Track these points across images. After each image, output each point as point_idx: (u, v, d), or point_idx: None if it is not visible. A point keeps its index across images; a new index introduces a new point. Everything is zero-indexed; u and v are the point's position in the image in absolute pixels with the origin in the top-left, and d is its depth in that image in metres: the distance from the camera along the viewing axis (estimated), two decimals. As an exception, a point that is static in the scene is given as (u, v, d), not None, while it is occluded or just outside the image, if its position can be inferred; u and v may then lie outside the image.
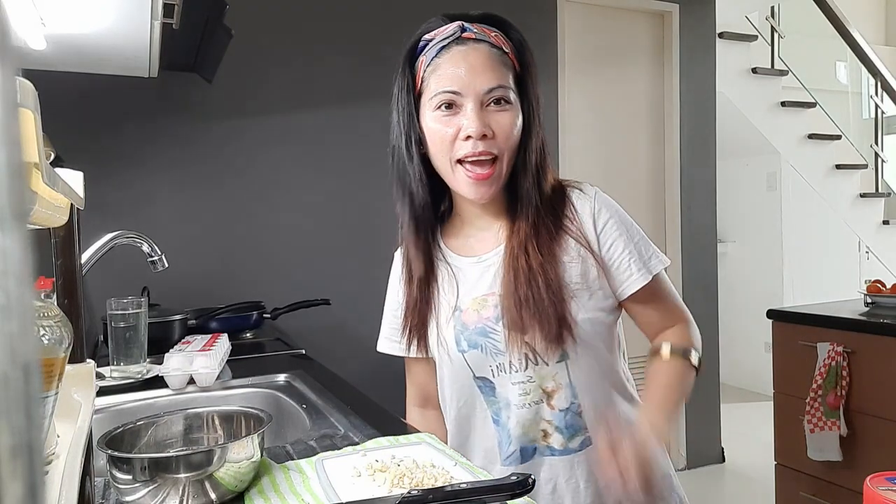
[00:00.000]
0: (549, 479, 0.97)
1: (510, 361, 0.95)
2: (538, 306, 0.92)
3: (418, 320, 1.01)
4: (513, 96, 0.94)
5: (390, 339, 1.08)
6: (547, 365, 0.95)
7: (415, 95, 0.96)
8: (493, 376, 0.97)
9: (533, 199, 0.96)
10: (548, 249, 0.94)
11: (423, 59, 0.95)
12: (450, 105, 0.92)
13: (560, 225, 0.97)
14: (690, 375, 1.00)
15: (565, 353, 0.94)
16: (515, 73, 0.95)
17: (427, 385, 1.09)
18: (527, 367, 0.95)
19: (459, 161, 0.92)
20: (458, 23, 0.94)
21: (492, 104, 0.92)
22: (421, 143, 0.96)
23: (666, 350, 0.99)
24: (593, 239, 0.97)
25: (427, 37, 0.95)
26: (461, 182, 0.93)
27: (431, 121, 0.94)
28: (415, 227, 1.00)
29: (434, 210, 1.02)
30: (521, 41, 0.97)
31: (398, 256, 1.08)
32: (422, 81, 0.95)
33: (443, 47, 0.93)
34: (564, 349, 0.94)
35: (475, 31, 0.94)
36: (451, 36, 0.93)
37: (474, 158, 0.91)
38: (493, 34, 0.95)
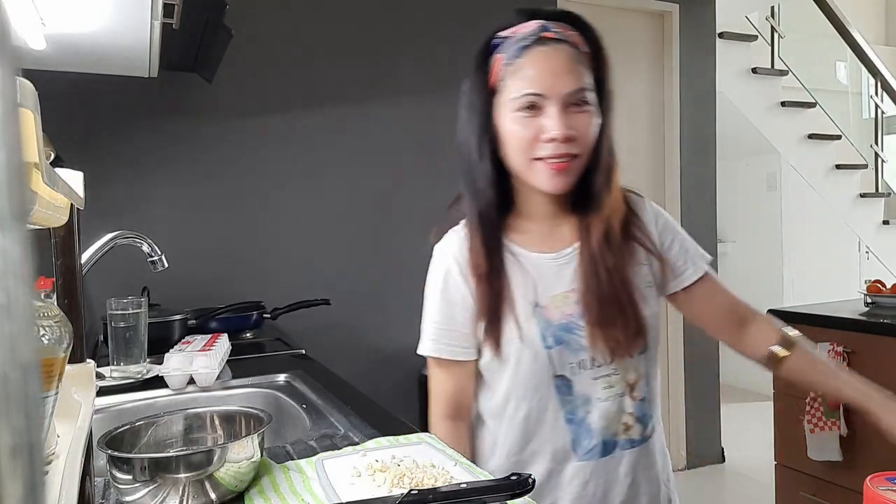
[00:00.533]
0: (627, 472, 1.00)
1: (592, 357, 0.97)
2: (619, 303, 0.96)
3: (491, 318, 0.98)
4: (591, 97, 0.94)
5: (439, 342, 1.00)
6: (631, 357, 0.99)
7: (488, 93, 0.95)
8: (573, 374, 0.97)
9: (603, 197, 0.97)
10: (618, 248, 0.98)
11: (499, 58, 0.93)
12: (531, 107, 0.91)
13: (627, 227, 1.00)
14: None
15: (646, 344, 1.00)
16: (593, 74, 0.95)
17: (465, 391, 1.03)
18: (612, 360, 0.98)
19: (537, 159, 0.93)
20: (540, 22, 0.92)
21: (572, 106, 0.92)
22: (492, 142, 0.96)
23: (781, 351, 1.05)
24: (657, 240, 1.03)
25: (504, 34, 0.94)
26: (540, 175, 0.93)
27: (511, 122, 0.93)
28: (486, 226, 0.99)
29: (502, 207, 1.01)
30: (599, 40, 0.97)
31: (448, 250, 1.03)
32: (499, 80, 0.94)
33: (524, 47, 0.91)
34: (646, 341, 0.99)
35: (556, 30, 0.92)
36: (531, 35, 0.92)
37: (555, 161, 0.92)
38: (570, 33, 0.94)
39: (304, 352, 1.78)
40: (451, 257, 1.01)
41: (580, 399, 0.97)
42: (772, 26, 4.62)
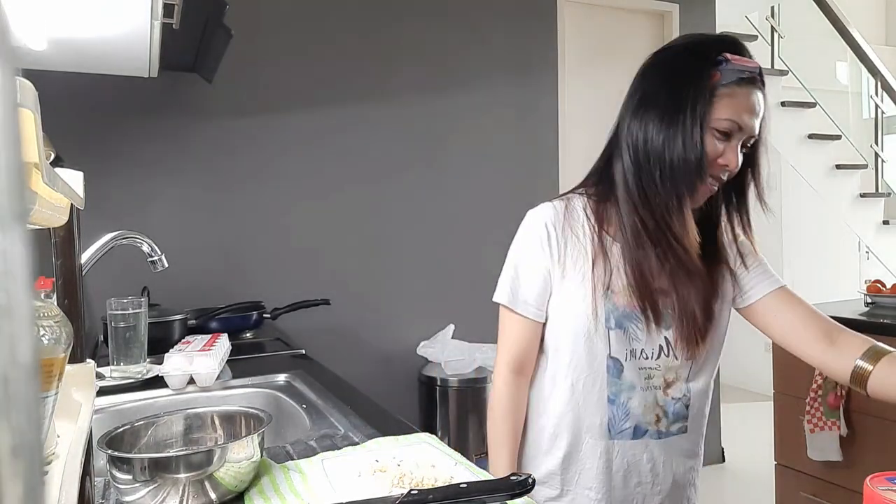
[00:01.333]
0: (650, 459, 1.07)
1: (643, 349, 1.04)
2: (687, 308, 1.03)
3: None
4: None
5: (517, 297, 1.06)
6: (676, 359, 1.06)
7: (709, 94, 0.97)
8: (625, 360, 1.04)
9: (703, 214, 1.06)
10: (704, 259, 1.03)
11: (717, 74, 0.97)
12: (726, 133, 0.97)
13: (715, 240, 1.08)
14: None
15: (695, 354, 1.06)
16: None
17: (531, 350, 1.09)
18: (658, 357, 1.05)
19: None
20: (758, 64, 0.99)
21: (744, 144, 1.00)
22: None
23: (865, 366, 0.99)
24: (734, 255, 1.10)
25: (729, 56, 0.97)
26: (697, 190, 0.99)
27: (705, 136, 0.97)
28: (624, 211, 1.02)
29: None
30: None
31: (540, 218, 1.06)
32: (710, 94, 0.98)
33: (744, 79, 0.97)
34: (696, 350, 1.06)
35: (764, 79, 1.00)
36: (751, 72, 0.97)
37: (714, 184, 1.00)
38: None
39: (304, 352, 1.78)
40: (543, 226, 1.06)
41: (626, 384, 1.05)
42: (772, 26, 4.62)
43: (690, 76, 0.98)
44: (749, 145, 1.00)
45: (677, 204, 0.98)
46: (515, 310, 1.06)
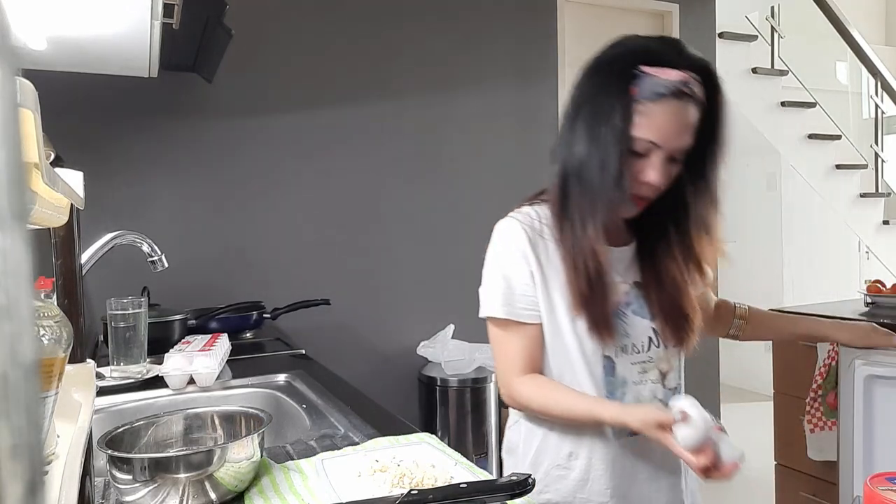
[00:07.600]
0: (652, 453, 1.08)
1: (633, 343, 1.05)
2: (668, 299, 1.05)
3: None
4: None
5: (512, 305, 1.04)
6: (666, 348, 1.07)
7: (628, 113, 0.94)
8: (616, 356, 1.05)
9: (667, 212, 1.04)
10: (675, 249, 1.06)
11: (634, 90, 0.93)
12: (644, 150, 0.95)
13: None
14: None
15: (682, 339, 1.08)
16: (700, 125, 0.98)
17: (538, 351, 1.06)
18: (648, 349, 1.06)
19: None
20: (682, 75, 0.93)
21: (672, 159, 0.96)
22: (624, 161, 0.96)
23: (743, 323, 1.35)
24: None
25: (646, 70, 0.93)
26: (620, 201, 0.99)
27: (623, 154, 0.96)
28: (589, 220, 1.00)
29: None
30: (724, 100, 0.98)
31: (517, 227, 1.06)
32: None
33: (660, 94, 0.92)
34: (682, 336, 1.07)
35: (693, 88, 0.94)
36: (670, 86, 0.92)
37: (640, 200, 0.99)
38: (699, 88, 0.95)
39: (304, 352, 1.78)
40: (522, 233, 1.05)
41: (619, 380, 1.05)
42: (772, 26, 4.62)
43: (609, 92, 0.95)
44: (680, 157, 0.96)
45: (592, 220, 0.97)
46: (519, 319, 1.03)
